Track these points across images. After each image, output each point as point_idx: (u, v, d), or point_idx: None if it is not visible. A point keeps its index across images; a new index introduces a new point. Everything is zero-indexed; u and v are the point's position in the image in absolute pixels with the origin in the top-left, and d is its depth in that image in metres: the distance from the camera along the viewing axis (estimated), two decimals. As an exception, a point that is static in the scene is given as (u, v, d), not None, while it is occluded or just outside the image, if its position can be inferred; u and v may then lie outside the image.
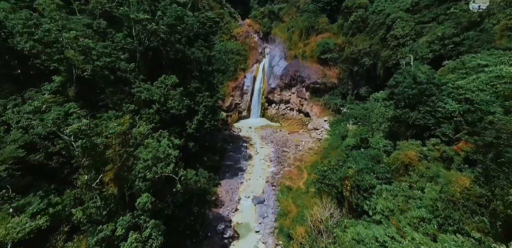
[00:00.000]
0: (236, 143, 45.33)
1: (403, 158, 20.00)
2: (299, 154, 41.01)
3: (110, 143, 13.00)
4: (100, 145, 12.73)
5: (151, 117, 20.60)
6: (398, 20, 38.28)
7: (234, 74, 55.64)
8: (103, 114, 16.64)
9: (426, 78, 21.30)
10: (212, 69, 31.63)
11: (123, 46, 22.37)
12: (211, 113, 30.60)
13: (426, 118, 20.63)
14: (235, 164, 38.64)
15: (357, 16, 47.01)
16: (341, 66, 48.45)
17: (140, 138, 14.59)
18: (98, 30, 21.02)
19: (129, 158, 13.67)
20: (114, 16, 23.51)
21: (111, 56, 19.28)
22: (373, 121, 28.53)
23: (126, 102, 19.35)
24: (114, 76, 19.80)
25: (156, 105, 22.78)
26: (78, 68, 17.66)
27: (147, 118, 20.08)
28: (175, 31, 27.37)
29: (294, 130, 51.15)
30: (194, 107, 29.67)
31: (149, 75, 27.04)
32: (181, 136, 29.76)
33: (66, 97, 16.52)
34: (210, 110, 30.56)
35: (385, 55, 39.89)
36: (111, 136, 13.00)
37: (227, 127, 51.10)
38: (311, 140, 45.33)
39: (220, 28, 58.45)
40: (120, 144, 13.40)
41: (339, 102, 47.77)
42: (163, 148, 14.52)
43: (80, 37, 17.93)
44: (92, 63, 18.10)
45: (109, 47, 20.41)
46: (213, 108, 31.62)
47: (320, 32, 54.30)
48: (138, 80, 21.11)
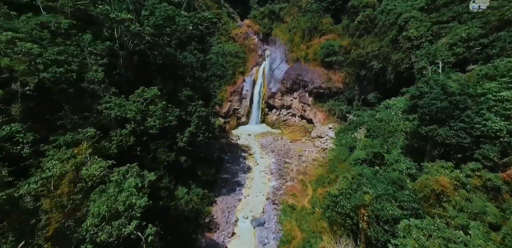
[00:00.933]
0: (234, 153, 41.66)
1: (434, 185, 16.35)
2: (303, 166, 37.33)
3: (44, 191, 9.24)
4: (27, 196, 8.97)
5: (123, 140, 16.86)
6: (412, 20, 34.71)
7: (233, 78, 52.10)
8: (59, 138, 12.84)
9: (459, 89, 17.71)
10: (206, 76, 28.03)
11: (94, 51, 18.61)
12: (205, 125, 26.94)
13: (460, 137, 17.00)
14: (233, 178, 34.95)
15: (364, 16, 43.45)
16: (347, 70, 44.85)
17: (92, 182, 10.73)
18: (57, 32, 17.17)
19: (79, 207, 9.90)
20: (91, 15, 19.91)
21: (71, 65, 15.39)
22: (388, 133, 24.87)
23: (90, 121, 15.41)
24: (75, 89, 15.92)
25: (131, 124, 18.31)
26: (19, 80, 13.89)
27: (119, 141, 16.23)
28: (164, 33, 23.76)
29: (296, 137, 47.50)
30: (185, 118, 26.03)
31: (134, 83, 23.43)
32: (172, 149, 26.18)
33: (8, 117, 12.77)
34: (204, 121, 26.90)
35: (397, 59, 36.31)
36: (47, 180, 9.28)
37: (224, 134, 47.45)
38: (315, 149, 41.67)
39: (217, 29, 54.96)
40: (68, 185, 9.74)
41: (345, 109, 44.14)
42: (125, 195, 10.56)
43: (21, 40, 14.19)
44: (37, 74, 14.23)
45: (71, 52, 16.25)
46: (208, 119, 27.95)
47: (323, 34, 50.73)
48: (108, 93, 17.26)
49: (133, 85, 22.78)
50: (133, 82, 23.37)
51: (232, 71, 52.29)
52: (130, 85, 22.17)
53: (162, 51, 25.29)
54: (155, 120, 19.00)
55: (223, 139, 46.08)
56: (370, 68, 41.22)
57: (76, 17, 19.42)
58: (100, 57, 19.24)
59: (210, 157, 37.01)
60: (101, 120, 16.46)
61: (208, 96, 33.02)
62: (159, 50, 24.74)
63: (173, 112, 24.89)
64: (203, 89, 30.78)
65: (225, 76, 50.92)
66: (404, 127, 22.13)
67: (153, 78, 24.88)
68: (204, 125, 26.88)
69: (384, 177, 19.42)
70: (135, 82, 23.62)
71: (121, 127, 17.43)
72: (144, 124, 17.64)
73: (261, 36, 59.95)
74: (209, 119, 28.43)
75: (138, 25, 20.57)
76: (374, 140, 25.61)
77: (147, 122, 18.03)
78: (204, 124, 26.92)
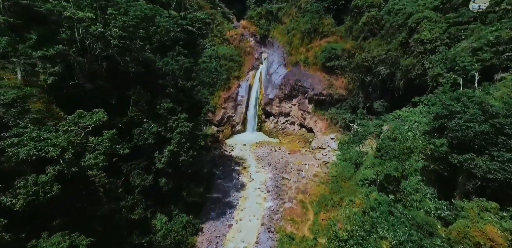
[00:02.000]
0: (227, 166, 37.51)
1: (478, 236, 12.33)
2: (302, 183, 33.23)
3: None
4: None
5: (40, 190, 11.12)
6: (424, 21, 30.75)
7: (227, 83, 47.98)
8: None
9: (505, 109, 13.72)
10: (191, 85, 23.89)
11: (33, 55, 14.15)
12: (189, 142, 22.77)
13: (507, 171, 12.99)
14: (224, 197, 30.81)
15: (369, 17, 39.47)
16: (351, 76, 40.83)
17: None
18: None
19: None
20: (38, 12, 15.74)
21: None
22: (404, 156, 20.81)
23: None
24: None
25: (55, 167, 11.98)
26: None
27: (30, 194, 10.75)
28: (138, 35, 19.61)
29: (295, 148, 43.42)
30: (165, 134, 21.87)
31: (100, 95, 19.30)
32: (149, 171, 22.03)
33: None
34: (188, 138, 22.73)
35: (407, 64, 32.33)
36: None
37: (217, 144, 43.30)
38: (315, 162, 37.59)
39: (211, 30, 50.86)
40: None
41: (348, 118, 40.10)
42: None
43: None
44: None
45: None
46: (193, 135, 23.79)
47: (325, 36, 46.70)
48: (23, 121, 12.65)
49: (98, 97, 18.64)
50: (98, 93, 19.20)
51: (227, 75, 48.19)
52: (94, 98, 18.00)
53: (137, 56, 21.12)
54: (97, 157, 13.61)
55: (215, 150, 41.96)
56: (376, 74, 37.22)
57: (17, 14, 15.29)
58: (48, 63, 15.09)
59: (199, 172, 32.88)
60: (2, 163, 11.19)
61: (197, 105, 28.90)
62: (133, 56, 20.57)
63: (149, 128, 20.78)
64: (189, 100, 26.65)
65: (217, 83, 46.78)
66: (424, 147, 18.05)
67: (125, 88, 20.73)
68: (188, 142, 22.71)
69: (405, 217, 15.37)
70: (102, 94, 19.48)
71: (39, 171, 11.70)
72: (78, 163, 12.86)
73: (258, 38, 55.88)
74: (195, 135, 24.24)
75: (101, 26, 16.42)
76: (387, 162, 21.50)
77: (84, 161, 13.22)
78: (188, 141, 22.75)
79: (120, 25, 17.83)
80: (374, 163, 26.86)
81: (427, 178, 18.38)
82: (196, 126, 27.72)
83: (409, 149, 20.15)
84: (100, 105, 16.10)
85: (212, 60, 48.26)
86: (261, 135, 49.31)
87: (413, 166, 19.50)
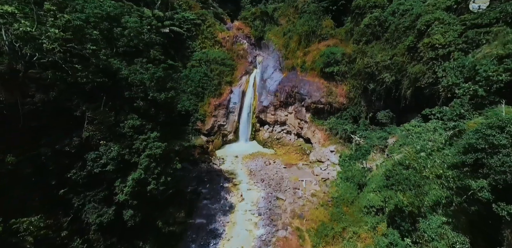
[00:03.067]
0: (215, 183, 33.39)
1: None
2: (299, 204, 29.23)
3: None
4: None
5: None
6: (436, 23, 27.03)
7: (218, 89, 43.97)
8: None
9: None
10: (166, 97, 19.79)
11: None
12: (160, 166, 18.63)
13: None
14: (209, 222, 26.65)
15: (372, 19, 35.72)
16: (352, 83, 37.01)
17: None
18: None
19: None
20: None
21: None
22: (421, 186, 16.89)
23: None
24: None
25: None
26: None
27: None
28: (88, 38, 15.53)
29: (291, 160, 39.47)
30: (130, 158, 17.74)
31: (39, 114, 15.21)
32: (110, 202, 17.89)
33: None
34: (160, 162, 18.61)
35: (416, 71, 28.55)
36: None
37: (206, 157, 39.19)
38: (314, 179, 33.62)
39: (201, 32, 46.89)
40: None
41: (349, 128, 36.24)
42: None
43: None
44: None
45: None
46: (167, 158, 19.67)
47: (323, 38, 42.92)
48: None
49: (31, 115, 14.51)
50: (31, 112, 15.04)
51: (218, 81, 44.20)
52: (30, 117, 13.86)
53: (97, 64, 17.02)
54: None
55: (203, 163, 37.84)
56: (380, 81, 33.40)
57: None
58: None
59: (182, 192, 28.81)
60: None
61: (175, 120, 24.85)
62: (90, 63, 16.45)
63: (108, 153, 16.64)
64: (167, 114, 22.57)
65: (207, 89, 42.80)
66: (452, 184, 14.12)
67: (79, 103, 16.60)
68: (159, 166, 18.58)
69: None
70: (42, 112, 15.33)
71: None
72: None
73: (253, 40, 51.99)
74: (169, 157, 20.12)
75: (26, 24, 12.38)
76: (399, 194, 17.55)
77: None
78: (160, 165, 18.62)
79: (62, 25, 13.76)
80: (380, 186, 23.03)
81: (454, 218, 14.46)
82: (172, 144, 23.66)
83: (427, 179, 16.24)
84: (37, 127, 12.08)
85: (202, 64, 44.28)
86: (255, 144, 45.31)
87: (434, 201, 15.57)
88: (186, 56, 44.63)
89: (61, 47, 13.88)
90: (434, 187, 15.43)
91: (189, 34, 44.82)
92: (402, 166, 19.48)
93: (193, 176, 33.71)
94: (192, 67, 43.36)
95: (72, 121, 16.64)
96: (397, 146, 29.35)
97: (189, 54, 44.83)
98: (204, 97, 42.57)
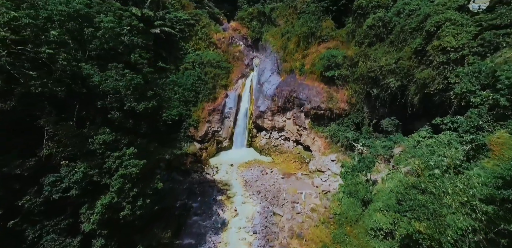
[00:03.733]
0: (207, 196, 30.74)
1: None
2: (298, 221, 26.63)
3: None
4: None
5: None
6: (447, 24, 24.60)
7: (212, 93, 41.37)
8: None
9: None
10: (146, 107, 17.16)
11: None
12: (137, 186, 15.97)
13: None
14: (198, 243, 23.95)
15: (375, 19, 33.26)
16: (354, 87, 34.52)
17: None
18: None
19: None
20: None
21: None
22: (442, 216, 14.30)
23: None
24: None
25: None
26: None
27: None
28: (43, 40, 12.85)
29: (290, 170, 36.89)
30: (100, 179, 15.08)
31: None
32: (75, 232, 15.23)
33: None
34: (136, 182, 15.95)
35: (424, 77, 26.09)
36: None
37: (199, 166, 36.54)
38: (313, 191, 31.05)
39: (195, 33, 44.30)
40: None
41: (351, 136, 33.71)
42: None
43: None
44: None
45: None
46: (147, 177, 17.01)
47: (323, 40, 40.44)
48: None
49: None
50: None
51: (212, 84, 41.62)
52: None
53: (53, 71, 14.34)
54: None
55: (196, 173, 35.19)
56: (384, 86, 30.93)
57: None
58: None
59: (170, 208, 26.18)
60: None
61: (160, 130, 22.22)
62: (44, 71, 13.79)
63: (70, 176, 13.98)
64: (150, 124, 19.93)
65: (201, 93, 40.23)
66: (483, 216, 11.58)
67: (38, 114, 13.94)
68: (136, 187, 15.92)
69: None
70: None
71: None
72: None
73: (250, 42, 49.49)
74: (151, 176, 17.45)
75: None
76: (414, 222, 14.99)
77: None
78: (137, 186, 15.96)
79: (4, 22, 11.15)
80: (389, 205, 20.50)
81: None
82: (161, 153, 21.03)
83: (450, 207, 13.69)
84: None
85: (196, 66, 41.69)
86: (251, 151, 42.73)
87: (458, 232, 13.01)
88: (179, 59, 42.00)
89: (8, 49, 11.26)
90: (458, 217, 12.89)
91: (182, 35, 42.23)
92: (416, 189, 16.93)
93: (183, 188, 31.06)
94: (185, 70, 40.78)
95: (31, 138, 13.98)
96: (404, 157, 26.96)
97: (182, 56, 42.22)
98: (197, 102, 39.98)
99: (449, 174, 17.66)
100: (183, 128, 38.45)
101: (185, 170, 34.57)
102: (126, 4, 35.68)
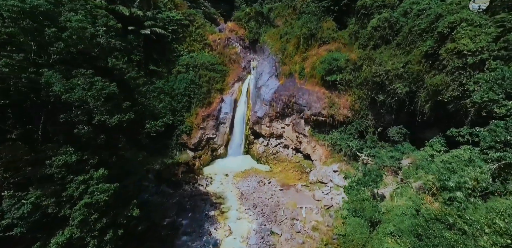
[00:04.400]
0: (199, 211, 27.96)
1: None
2: (298, 241, 23.91)
3: None
4: None
5: None
6: (462, 24, 22.05)
7: (207, 98, 38.68)
8: None
9: None
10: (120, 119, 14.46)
11: None
12: (107, 216, 13.21)
13: None
14: (187, 268, 21.28)
15: (381, 20, 30.72)
16: (357, 93, 31.94)
17: None
18: None
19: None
20: None
21: None
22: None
23: None
24: None
25: None
26: None
27: None
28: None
29: (289, 180, 34.19)
30: (58, 210, 12.32)
31: None
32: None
33: None
34: (107, 211, 13.20)
35: (437, 83, 23.50)
36: None
37: (191, 176, 33.79)
38: (315, 206, 28.37)
39: (189, 34, 41.61)
40: None
41: (355, 145, 31.09)
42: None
43: None
44: None
45: None
46: (120, 200, 14.25)
47: (324, 42, 37.88)
48: None
49: None
50: None
51: (207, 88, 38.91)
52: None
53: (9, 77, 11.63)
54: None
55: (188, 184, 32.42)
56: (391, 92, 28.35)
57: None
58: None
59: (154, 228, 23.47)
60: None
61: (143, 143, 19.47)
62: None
63: (14, 210, 11.20)
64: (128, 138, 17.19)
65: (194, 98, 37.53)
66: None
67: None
68: (105, 217, 13.15)
69: None
70: None
71: None
72: None
73: (247, 43, 46.83)
74: (125, 196, 14.69)
75: None
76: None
77: None
78: (106, 215, 13.19)
79: None
80: (402, 230, 17.87)
81: None
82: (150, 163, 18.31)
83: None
84: None
85: (189, 69, 38.99)
86: (248, 159, 40.02)
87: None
88: (171, 61, 39.28)
89: None
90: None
91: (174, 36, 39.51)
92: (441, 223, 14.24)
93: (173, 203, 28.29)
94: (178, 73, 38.08)
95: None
96: (413, 169, 24.35)
97: (175, 58, 39.50)
98: (190, 107, 37.25)
99: (474, 198, 15.05)
100: (175, 135, 35.71)
101: (176, 181, 31.81)
102: (113, 2, 32.99)
